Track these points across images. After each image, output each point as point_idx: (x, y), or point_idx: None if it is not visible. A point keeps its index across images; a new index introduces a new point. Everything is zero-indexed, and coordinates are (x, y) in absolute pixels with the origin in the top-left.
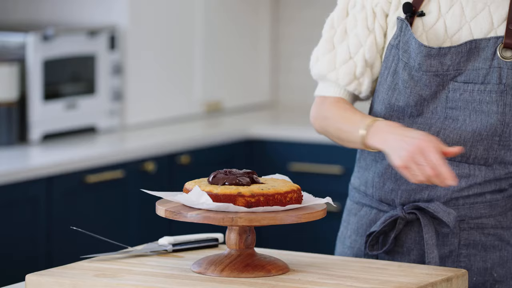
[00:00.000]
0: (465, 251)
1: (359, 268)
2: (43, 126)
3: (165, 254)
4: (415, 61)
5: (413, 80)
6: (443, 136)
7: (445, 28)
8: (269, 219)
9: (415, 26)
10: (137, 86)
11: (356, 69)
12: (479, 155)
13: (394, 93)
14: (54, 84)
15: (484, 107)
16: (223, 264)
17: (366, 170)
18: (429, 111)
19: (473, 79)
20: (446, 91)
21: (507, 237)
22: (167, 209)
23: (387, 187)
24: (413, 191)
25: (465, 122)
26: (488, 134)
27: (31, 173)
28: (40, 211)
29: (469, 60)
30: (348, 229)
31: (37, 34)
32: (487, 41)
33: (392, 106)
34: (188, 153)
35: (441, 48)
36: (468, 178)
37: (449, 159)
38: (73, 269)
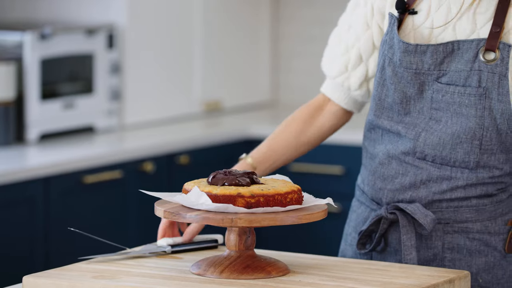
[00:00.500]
0: (449, 255)
1: (360, 270)
2: (41, 126)
3: (164, 256)
4: (397, 57)
5: (397, 77)
6: (424, 138)
7: (432, 27)
8: (269, 220)
9: (405, 24)
10: (136, 85)
11: (349, 62)
12: (459, 159)
13: (383, 89)
14: (51, 83)
15: (464, 110)
16: (222, 265)
17: (365, 168)
18: (416, 111)
19: (455, 81)
20: (431, 92)
21: (494, 243)
22: (166, 210)
23: (376, 185)
24: (397, 191)
25: (446, 124)
26: (467, 137)
27: (28, 173)
28: (37, 212)
29: (453, 61)
30: (349, 226)
31: (34, 33)
32: (470, 43)
33: (382, 102)
34: (187, 153)
35: (418, 45)
36: (449, 181)
37: (431, 161)
38: (70, 270)
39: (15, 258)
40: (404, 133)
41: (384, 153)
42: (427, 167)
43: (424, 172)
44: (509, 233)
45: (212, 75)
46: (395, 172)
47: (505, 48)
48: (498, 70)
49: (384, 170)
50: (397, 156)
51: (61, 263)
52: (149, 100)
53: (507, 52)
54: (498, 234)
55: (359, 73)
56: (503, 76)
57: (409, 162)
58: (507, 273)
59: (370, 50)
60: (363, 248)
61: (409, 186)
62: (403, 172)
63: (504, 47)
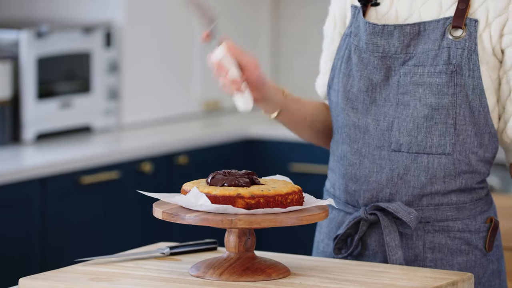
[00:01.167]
0: (430, 255)
1: (361, 272)
2: (37, 125)
3: (162, 258)
4: (363, 41)
5: (363, 63)
6: (397, 125)
7: (397, 15)
8: (269, 221)
9: (369, 15)
10: (134, 84)
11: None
12: (435, 142)
13: (349, 79)
14: (48, 82)
15: (434, 89)
16: (222, 267)
17: (333, 171)
18: (382, 99)
19: (422, 61)
20: (398, 76)
21: (475, 241)
22: (164, 211)
23: (349, 188)
24: (374, 190)
25: (415, 107)
26: (441, 117)
27: (25, 174)
28: (34, 213)
29: (419, 44)
30: (321, 233)
31: (30, 31)
32: (436, 23)
33: (347, 93)
34: (186, 153)
35: (385, 26)
36: (427, 172)
37: (406, 151)
38: (67, 272)
39: (11, 259)
40: (374, 127)
41: (353, 153)
42: (402, 160)
43: (400, 166)
44: (488, 231)
45: (211, 74)
46: (369, 171)
47: (471, 23)
48: (467, 45)
49: (356, 171)
50: (369, 154)
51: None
52: (147, 100)
53: (474, 27)
54: (478, 232)
55: None
56: (472, 51)
57: (383, 157)
58: (487, 272)
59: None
60: (339, 253)
61: (386, 183)
62: (377, 169)
63: (471, 22)
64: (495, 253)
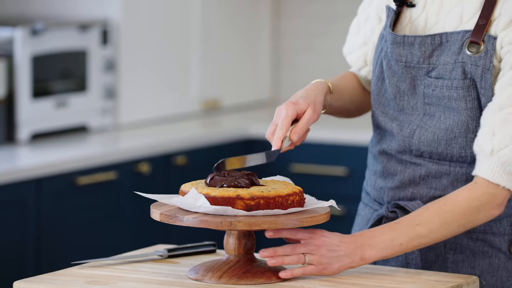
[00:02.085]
0: (452, 256)
1: (365, 275)
2: (32, 125)
3: (160, 260)
4: (388, 49)
5: (391, 70)
6: (418, 135)
7: (426, 21)
8: (269, 223)
9: (403, 17)
10: (131, 83)
11: (367, 56)
12: (455, 154)
13: (383, 83)
14: (43, 81)
15: (454, 104)
16: (221, 270)
17: (368, 169)
18: (410, 107)
19: (442, 74)
20: (423, 87)
21: (499, 244)
22: (162, 212)
23: (377, 185)
24: (397, 189)
25: (440, 119)
26: (461, 131)
27: (20, 175)
28: (29, 214)
29: (441, 55)
30: (355, 230)
31: (25, 28)
32: (457, 35)
33: (380, 98)
34: (185, 153)
35: (405, 36)
36: (449, 175)
37: (428, 157)
38: (63, 275)
39: (5, 261)
40: (397, 132)
41: (382, 152)
42: (425, 163)
43: (422, 168)
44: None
45: (210, 72)
46: (394, 170)
47: (490, 41)
48: (481, 63)
49: (383, 169)
50: (394, 155)
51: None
52: (145, 99)
53: (492, 45)
54: (502, 235)
55: None
56: (487, 69)
57: (407, 159)
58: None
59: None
60: None
61: (408, 182)
62: (401, 169)
63: (489, 39)
64: None
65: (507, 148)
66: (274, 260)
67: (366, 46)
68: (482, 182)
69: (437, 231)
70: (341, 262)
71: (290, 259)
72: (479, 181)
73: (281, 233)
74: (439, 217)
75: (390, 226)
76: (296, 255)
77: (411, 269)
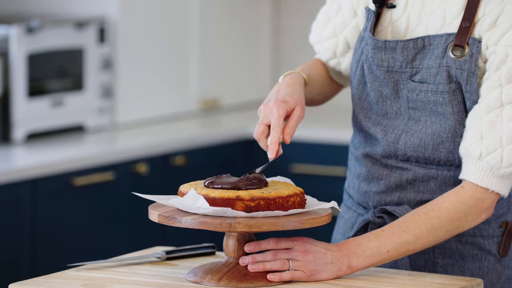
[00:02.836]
0: (441, 260)
1: (367, 277)
2: (28, 124)
3: (158, 262)
4: (369, 54)
5: (372, 75)
6: (404, 140)
7: (408, 22)
8: (270, 225)
9: (383, 18)
10: (128, 81)
11: (337, 48)
12: (443, 158)
13: (364, 87)
14: (39, 79)
15: (440, 109)
16: (220, 273)
17: (350, 171)
18: (393, 112)
19: (426, 78)
20: (406, 91)
21: (488, 246)
22: (160, 213)
23: (361, 189)
24: (383, 193)
25: (426, 123)
26: (448, 136)
27: (15, 175)
28: (24, 216)
29: (425, 58)
30: (338, 233)
31: (21, 26)
32: (440, 38)
33: (362, 102)
34: (183, 153)
35: (387, 41)
36: (437, 179)
37: (415, 161)
38: (59, 278)
39: (0, 263)
40: (381, 137)
41: (366, 156)
42: (411, 167)
43: (409, 172)
44: (503, 236)
45: (209, 71)
46: (379, 174)
47: (474, 44)
48: (466, 67)
49: (368, 173)
50: (378, 159)
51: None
52: (143, 98)
53: (477, 48)
54: (492, 237)
55: (348, 59)
56: (472, 73)
57: (393, 164)
58: (502, 278)
59: (356, 38)
60: None
61: (395, 187)
62: (387, 173)
63: (473, 42)
64: (511, 258)
65: (496, 152)
66: (255, 265)
67: (336, 38)
68: (470, 186)
69: (424, 237)
70: (328, 270)
71: (272, 265)
72: (466, 185)
73: (261, 245)
74: (425, 223)
75: (376, 234)
76: (279, 260)
77: (414, 272)
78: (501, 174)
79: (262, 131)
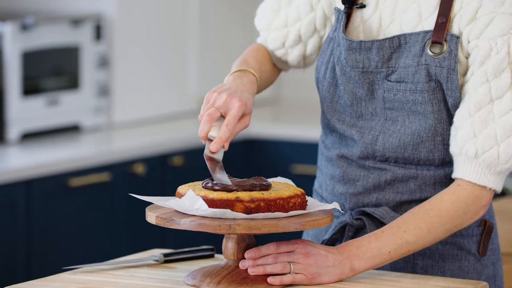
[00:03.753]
0: (421, 261)
1: (369, 280)
2: (22, 124)
3: (156, 265)
4: (342, 55)
5: (345, 77)
6: (382, 141)
7: (380, 20)
8: (270, 227)
9: (354, 17)
10: (125, 80)
11: (287, 40)
12: (423, 157)
13: (335, 90)
14: (34, 78)
15: (419, 108)
16: (219, 276)
17: (321, 171)
18: (368, 113)
19: (404, 77)
20: (382, 91)
21: (468, 246)
22: (158, 215)
23: (336, 190)
24: (360, 195)
25: (404, 123)
26: (429, 135)
27: (9, 176)
28: (19, 217)
29: (401, 57)
30: (308, 234)
31: (15, 23)
32: (417, 36)
33: (334, 104)
34: (182, 154)
35: (362, 42)
36: (416, 179)
37: (393, 161)
38: (54, 281)
39: None
40: (358, 138)
41: (341, 157)
42: (390, 168)
43: (388, 173)
44: (482, 235)
45: (208, 69)
46: (356, 175)
47: (452, 40)
48: (446, 63)
49: (343, 174)
50: (355, 160)
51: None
52: (140, 96)
53: (455, 44)
54: (471, 236)
55: (297, 51)
56: (452, 70)
57: (370, 165)
58: (482, 277)
59: (311, 32)
60: None
61: (373, 188)
62: (364, 174)
63: (452, 38)
64: (490, 257)
65: (492, 149)
66: (255, 268)
67: (287, 29)
68: (467, 185)
69: (425, 237)
70: (330, 273)
71: (272, 268)
72: (463, 184)
73: (261, 251)
74: (426, 222)
75: (376, 235)
76: (280, 264)
77: (417, 274)
78: (498, 170)
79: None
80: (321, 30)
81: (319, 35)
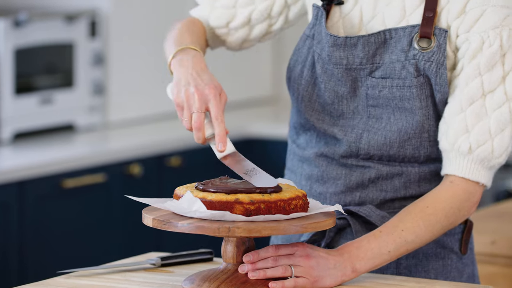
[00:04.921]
0: (404, 261)
1: (372, 285)
2: (15, 123)
3: (153, 269)
4: (325, 52)
5: (327, 74)
6: (367, 139)
7: (361, 15)
8: (270, 229)
9: (332, 13)
10: (121, 78)
11: (232, 20)
12: (408, 155)
13: (314, 88)
14: (27, 76)
15: (406, 104)
16: (218, 280)
17: (293, 173)
18: (350, 111)
19: (389, 73)
20: (365, 88)
21: (451, 244)
22: (155, 217)
23: (314, 190)
24: (342, 194)
25: (389, 121)
26: (416, 132)
27: (1, 177)
28: (11, 220)
29: (386, 53)
30: (277, 238)
31: (7, 19)
32: (403, 31)
33: (312, 103)
34: (179, 154)
35: (347, 38)
36: (401, 176)
37: (377, 159)
38: (48, 285)
39: None
40: (341, 137)
41: (320, 155)
42: (374, 165)
43: (372, 170)
44: (463, 233)
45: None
46: (337, 174)
47: (441, 34)
48: (435, 58)
49: (323, 173)
50: (336, 159)
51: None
52: (136, 95)
53: (444, 38)
54: (453, 235)
55: (240, 34)
56: (441, 64)
57: (352, 163)
58: (464, 276)
59: (263, 18)
60: None
61: (355, 186)
62: (346, 172)
63: (440, 32)
64: (470, 256)
65: (486, 143)
66: (256, 272)
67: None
68: (460, 181)
69: (423, 235)
70: (332, 276)
71: (273, 271)
72: (456, 180)
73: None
74: (423, 220)
75: (374, 235)
76: (280, 267)
77: (423, 279)
78: (491, 165)
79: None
80: (274, 18)
81: (270, 22)
